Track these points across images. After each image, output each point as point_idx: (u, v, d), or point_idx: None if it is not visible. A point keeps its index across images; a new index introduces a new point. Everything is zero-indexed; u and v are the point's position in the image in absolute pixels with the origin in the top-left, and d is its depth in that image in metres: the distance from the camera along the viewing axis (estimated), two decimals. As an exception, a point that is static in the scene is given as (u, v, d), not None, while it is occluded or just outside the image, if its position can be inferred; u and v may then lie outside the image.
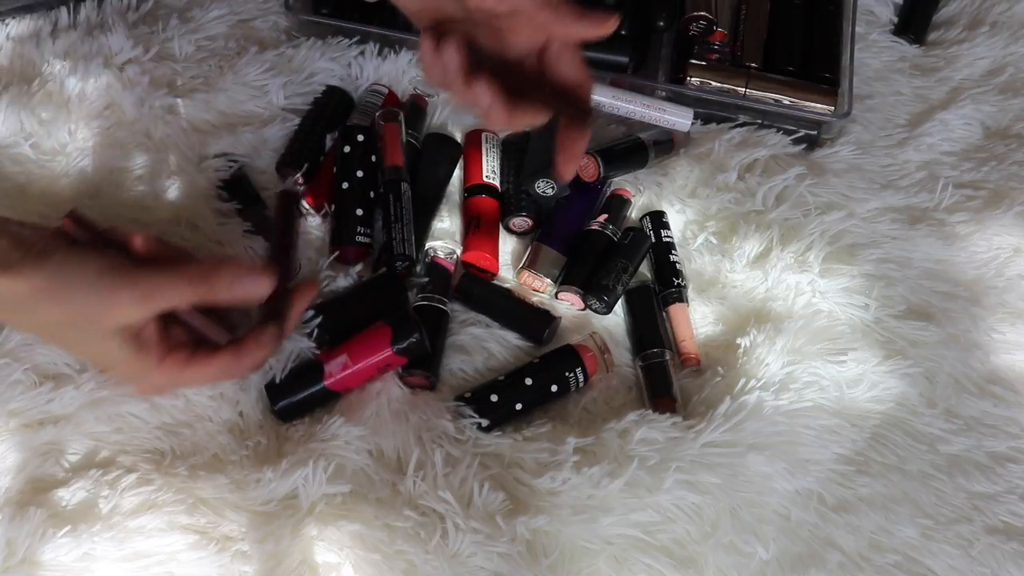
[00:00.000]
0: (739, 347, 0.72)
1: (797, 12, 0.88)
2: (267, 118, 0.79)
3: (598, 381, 0.72)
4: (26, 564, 0.60)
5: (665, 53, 0.86)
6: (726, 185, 0.80)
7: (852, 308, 0.75)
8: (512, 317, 0.74)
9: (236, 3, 0.85)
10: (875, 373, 0.72)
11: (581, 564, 0.64)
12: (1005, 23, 0.92)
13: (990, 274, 0.79)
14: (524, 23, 0.62)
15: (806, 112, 0.82)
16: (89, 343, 0.58)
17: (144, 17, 0.83)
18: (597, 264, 0.75)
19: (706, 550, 0.65)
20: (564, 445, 0.66)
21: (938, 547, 0.67)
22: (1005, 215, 0.81)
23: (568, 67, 0.64)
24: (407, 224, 0.73)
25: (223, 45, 0.83)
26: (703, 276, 0.78)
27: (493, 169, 0.79)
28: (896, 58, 0.91)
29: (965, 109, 0.87)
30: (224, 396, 0.67)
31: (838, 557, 0.66)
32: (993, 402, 0.74)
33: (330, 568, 0.61)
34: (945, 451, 0.71)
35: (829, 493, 0.68)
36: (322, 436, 0.66)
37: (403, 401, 0.69)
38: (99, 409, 0.65)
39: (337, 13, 0.84)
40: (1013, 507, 0.69)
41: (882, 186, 0.83)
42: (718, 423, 0.68)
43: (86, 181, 0.74)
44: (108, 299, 0.55)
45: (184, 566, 0.61)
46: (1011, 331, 0.77)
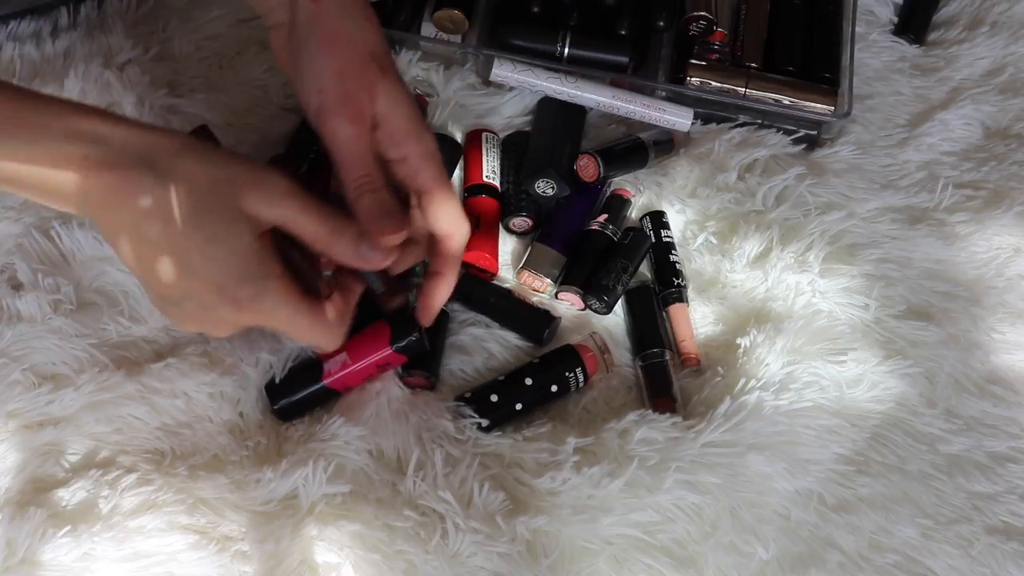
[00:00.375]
0: (739, 347, 0.72)
1: (797, 12, 0.88)
2: (267, 118, 0.79)
3: (598, 381, 0.72)
4: (26, 564, 0.60)
5: (665, 53, 0.86)
6: (726, 185, 0.80)
7: (852, 308, 0.75)
8: (512, 317, 0.74)
9: (236, 3, 0.85)
10: (875, 373, 0.72)
11: (581, 564, 0.64)
12: (1005, 23, 0.92)
13: (990, 274, 0.79)
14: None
15: (806, 112, 0.82)
16: (211, 227, 0.52)
17: (144, 17, 0.83)
18: (597, 264, 0.75)
19: (706, 550, 0.65)
20: (564, 445, 0.66)
21: (938, 547, 0.67)
22: (1005, 215, 0.81)
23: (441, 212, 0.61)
24: None
25: (223, 45, 0.83)
26: (703, 276, 0.78)
27: (493, 169, 0.79)
28: (896, 58, 0.91)
29: (965, 109, 0.87)
30: (224, 396, 0.67)
31: (838, 557, 0.66)
32: (993, 402, 0.74)
33: (330, 568, 0.61)
34: (945, 451, 0.71)
35: (829, 493, 0.68)
36: (322, 436, 0.66)
37: (403, 401, 0.69)
38: (99, 410, 0.65)
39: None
40: (1013, 507, 0.69)
41: (882, 186, 0.83)
42: (718, 423, 0.68)
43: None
44: (250, 178, 0.53)
45: (184, 566, 0.61)
46: (1011, 331, 0.77)
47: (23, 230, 0.71)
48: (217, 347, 0.68)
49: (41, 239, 0.70)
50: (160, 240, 0.52)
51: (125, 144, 0.51)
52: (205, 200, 0.52)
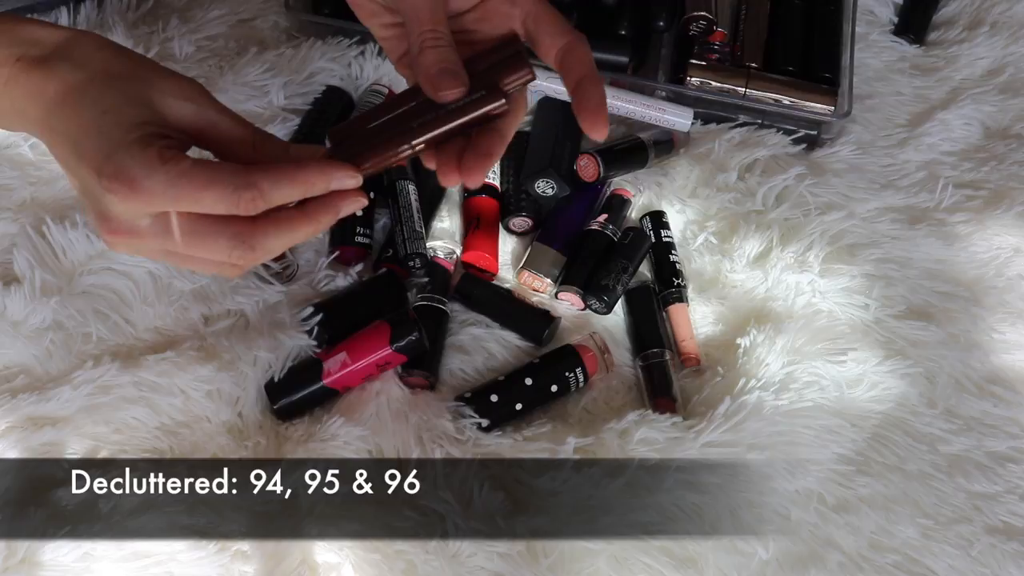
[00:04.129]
0: (739, 347, 0.72)
1: (797, 12, 0.88)
2: (267, 118, 0.79)
3: (598, 381, 0.73)
4: (26, 564, 0.60)
5: (665, 53, 0.85)
6: (726, 185, 0.80)
7: (852, 308, 0.75)
8: (512, 317, 0.74)
9: (236, 3, 0.85)
10: (875, 373, 0.72)
11: (581, 564, 0.64)
12: (1005, 23, 0.92)
13: (990, 274, 0.79)
14: None
15: (806, 112, 0.82)
16: (110, 102, 0.49)
17: (144, 17, 0.83)
18: (597, 264, 0.75)
19: (706, 550, 0.65)
20: (564, 445, 0.66)
21: (938, 547, 0.67)
22: (1005, 215, 0.81)
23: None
24: (417, 221, 0.74)
25: (223, 45, 0.83)
26: (703, 276, 0.78)
27: (493, 169, 0.79)
28: (896, 58, 0.91)
29: (965, 109, 0.87)
30: (222, 396, 0.67)
31: (838, 557, 0.66)
32: (993, 402, 0.74)
33: (330, 568, 0.61)
34: (945, 451, 0.71)
35: (829, 493, 0.68)
36: (322, 436, 0.66)
37: (403, 401, 0.69)
38: (98, 412, 0.65)
39: (337, 13, 0.84)
40: (1013, 507, 0.69)
41: (882, 186, 0.83)
42: (718, 423, 0.68)
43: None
44: (168, 76, 0.51)
45: (184, 566, 0.61)
46: (1011, 331, 0.77)
47: (19, 229, 0.71)
48: (214, 342, 0.68)
49: (36, 238, 0.70)
50: (64, 124, 0.50)
51: (53, 42, 0.51)
52: (112, 83, 0.50)
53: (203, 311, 0.70)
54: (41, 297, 0.68)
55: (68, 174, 0.51)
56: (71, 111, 0.50)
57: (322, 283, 0.73)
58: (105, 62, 0.51)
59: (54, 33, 0.52)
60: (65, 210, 0.71)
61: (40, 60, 0.51)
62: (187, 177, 0.47)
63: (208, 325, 0.70)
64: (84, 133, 0.49)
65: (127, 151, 0.47)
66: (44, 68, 0.50)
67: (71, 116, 0.50)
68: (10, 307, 0.67)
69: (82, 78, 0.50)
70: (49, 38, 0.52)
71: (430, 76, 0.52)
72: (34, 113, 0.51)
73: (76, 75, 0.50)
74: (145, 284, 0.69)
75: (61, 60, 0.51)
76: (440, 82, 0.52)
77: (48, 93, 0.50)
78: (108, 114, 0.49)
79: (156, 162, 0.47)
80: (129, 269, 0.69)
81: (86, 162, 0.48)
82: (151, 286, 0.70)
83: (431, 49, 0.53)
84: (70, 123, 0.49)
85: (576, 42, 0.55)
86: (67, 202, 0.72)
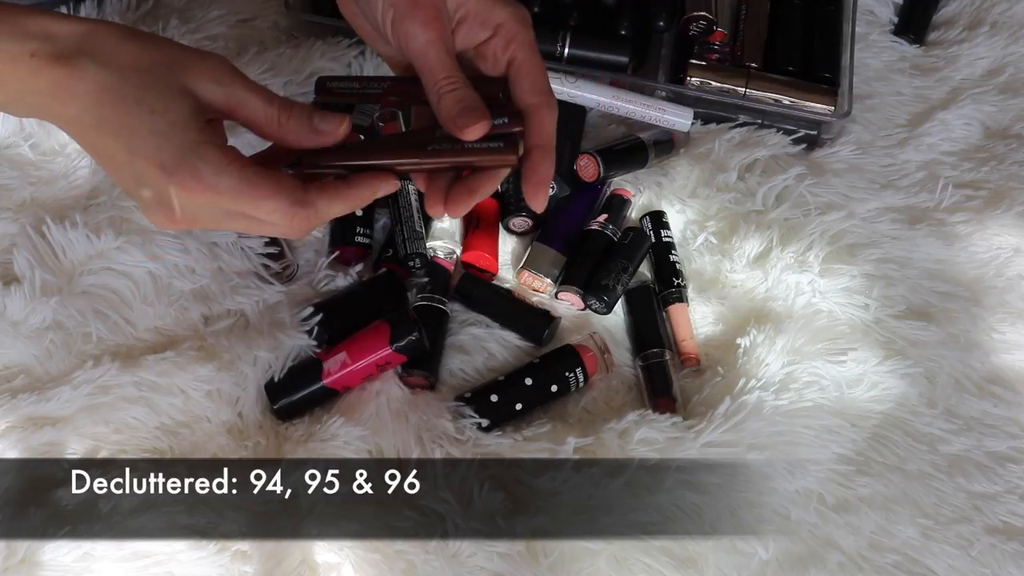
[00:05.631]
0: (739, 347, 0.72)
1: (797, 12, 0.88)
2: (267, 118, 0.79)
3: (598, 381, 0.73)
4: (26, 564, 0.60)
5: (665, 53, 0.85)
6: (726, 185, 0.80)
7: (852, 308, 0.75)
8: (512, 317, 0.74)
9: (236, 3, 0.85)
10: (875, 373, 0.72)
11: (581, 564, 0.64)
12: (1005, 23, 0.92)
13: (990, 274, 0.79)
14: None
15: (806, 112, 0.82)
16: (153, 101, 0.51)
17: (144, 17, 0.83)
18: (597, 264, 0.75)
19: (706, 550, 0.65)
20: (564, 445, 0.66)
21: (938, 547, 0.67)
22: (1005, 215, 0.81)
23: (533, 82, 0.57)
24: (417, 221, 0.74)
25: (223, 45, 0.83)
26: (703, 276, 0.78)
27: (493, 169, 0.79)
28: (896, 58, 0.91)
29: (965, 109, 0.87)
30: (222, 396, 0.67)
31: (838, 557, 0.66)
32: (993, 402, 0.74)
33: (330, 568, 0.61)
34: (945, 451, 0.71)
35: (829, 493, 0.68)
36: (322, 436, 0.66)
37: (403, 401, 0.69)
38: (98, 412, 0.65)
39: (337, 13, 0.83)
40: (1013, 507, 0.69)
41: (882, 186, 0.83)
42: (718, 423, 0.68)
43: (85, 182, 0.74)
44: (195, 58, 0.52)
45: (184, 566, 0.61)
46: (1011, 331, 0.77)
47: (19, 229, 0.70)
48: (214, 342, 0.68)
49: (36, 238, 0.70)
50: (108, 123, 0.51)
51: (70, 37, 0.51)
52: (147, 78, 0.51)
53: (203, 311, 0.70)
54: (41, 297, 0.68)
55: (108, 165, 0.53)
56: (112, 111, 0.51)
57: (322, 283, 0.73)
58: (131, 55, 0.51)
59: (67, 26, 0.51)
60: (65, 210, 0.71)
61: (60, 57, 0.50)
62: (252, 184, 0.51)
63: (208, 325, 0.70)
64: (134, 133, 0.51)
65: (194, 152, 0.51)
66: (68, 66, 0.50)
67: (116, 116, 0.51)
68: (10, 307, 0.67)
69: (114, 76, 0.51)
70: (63, 32, 0.51)
71: (452, 117, 0.54)
72: (65, 112, 0.51)
73: (105, 74, 0.51)
74: (145, 284, 0.69)
75: (84, 56, 0.51)
76: (462, 120, 0.53)
77: (79, 92, 0.50)
78: (157, 114, 0.51)
79: (224, 163, 0.51)
80: (129, 269, 0.69)
81: (143, 158, 0.51)
82: (151, 286, 0.69)
83: (449, 94, 0.54)
84: (117, 123, 0.51)
85: (544, 108, 0.57)
86: (67, 202, 0.72)
